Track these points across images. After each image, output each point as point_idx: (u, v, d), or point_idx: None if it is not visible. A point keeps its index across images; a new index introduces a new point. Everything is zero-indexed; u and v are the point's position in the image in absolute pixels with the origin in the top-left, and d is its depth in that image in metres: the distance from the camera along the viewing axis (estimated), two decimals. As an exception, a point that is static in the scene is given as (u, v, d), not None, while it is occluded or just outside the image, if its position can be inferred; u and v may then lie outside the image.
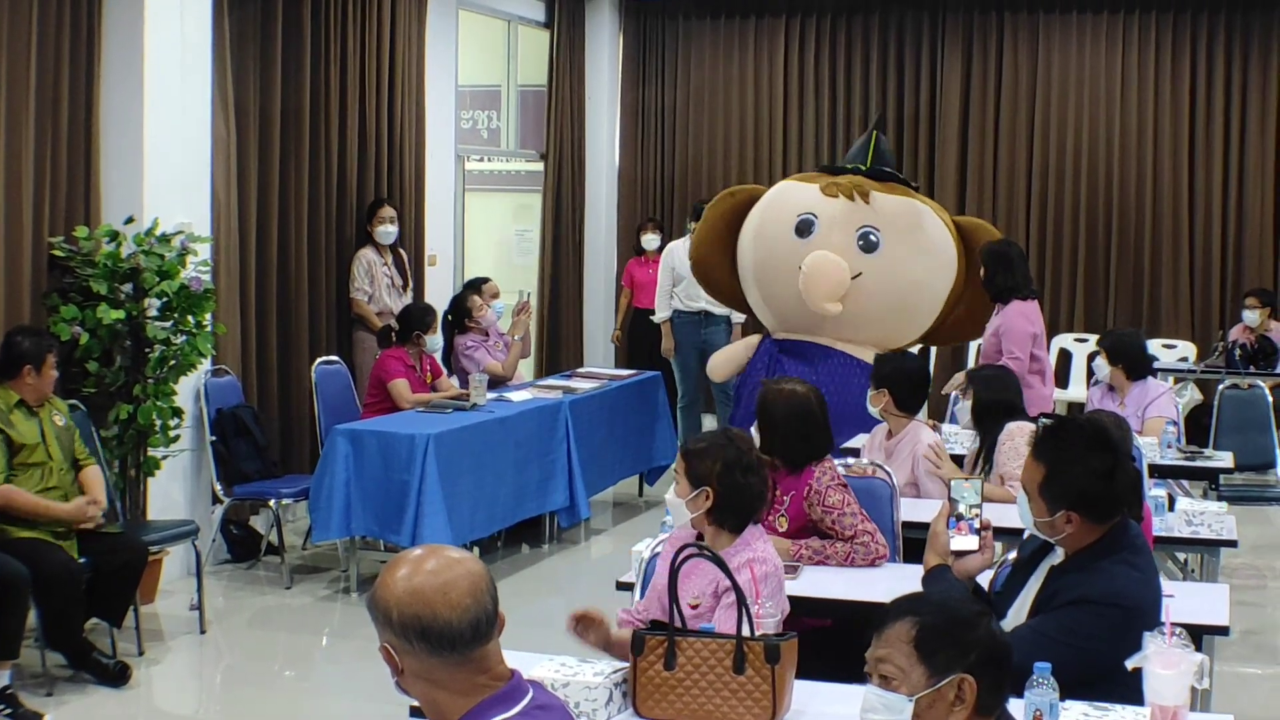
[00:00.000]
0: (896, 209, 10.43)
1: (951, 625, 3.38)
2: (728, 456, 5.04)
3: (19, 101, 8.55)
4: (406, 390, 10.33)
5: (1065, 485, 4.47)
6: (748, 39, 15.99)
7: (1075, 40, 15.05)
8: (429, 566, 3.13)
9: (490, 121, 15.60)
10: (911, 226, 10.41)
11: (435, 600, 3.09)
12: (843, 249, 10.22)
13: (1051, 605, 4.44)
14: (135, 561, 7.87)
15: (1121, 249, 14.97)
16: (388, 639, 3.13)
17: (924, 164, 15.50)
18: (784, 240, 10.47)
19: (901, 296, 10.40)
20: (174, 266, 8.84)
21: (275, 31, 10.73)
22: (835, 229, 10.30)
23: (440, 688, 3.13)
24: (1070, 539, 4.50)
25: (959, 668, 3.33)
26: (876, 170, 10.70)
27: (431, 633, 3.08)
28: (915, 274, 10.37)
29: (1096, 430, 4.61)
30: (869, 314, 10.31)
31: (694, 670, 4.26)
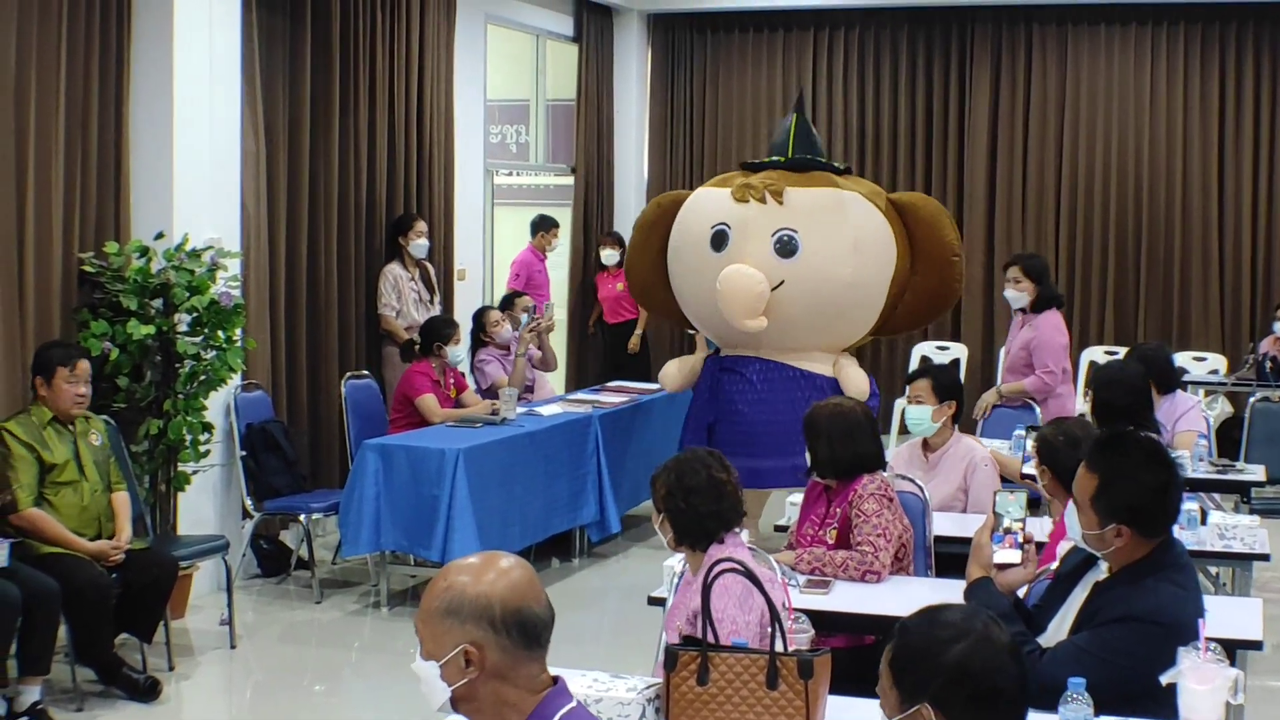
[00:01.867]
0: (814, 204, 10.02)
1: (920, 649, 3.27)
2: (669, 481, 5.12)
3: (49, 118, 8.56)
4: (435, 405, 10.32)
5: (1119, 498, 4.42)
6: (775, 52, 15.99)
7: (1104, 52, 15.02)
8: (508, 564, 3.27)
9: (519, 136, 15.63)
10: (833, 221, 9.98)
11: (529, 594, 3.22)
12: (760, 258, 9.85)
13: (1095, 622, 4.40)
14: (165, 577, 7.87)
15: (1151, 261, 14.93)
16: (476, 637, 3.17)
17: (953, 177, 15.49)
18: (701, 255, 10.16)
19: (831, 298, 9.99)
20: (204, 282, 8.85)
21: (304, 47, 10.74)
22: (749, 237, 9.94)
23: (514, 684, 3.19)
24: (1118, 554, 4.45)
25: (923, 695, 3.22)
26: (799, 160, 10.32)
27: (529, 625, 3.19)
28: (842, 273, 9.94)
29: (1153, 444, 4.56)
30: (800, 321, 9.99)
31: (727, 685, 4.24)
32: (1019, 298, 9.96)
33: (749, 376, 10.13)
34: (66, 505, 7.61)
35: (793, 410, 9.30)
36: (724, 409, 10.20)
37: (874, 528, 6.07)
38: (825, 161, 10.49)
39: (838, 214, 9.98)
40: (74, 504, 7.64)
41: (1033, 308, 9.91)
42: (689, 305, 10.49)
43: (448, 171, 12.54)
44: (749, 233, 9.94)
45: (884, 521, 6.09)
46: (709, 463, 5.15)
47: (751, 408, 10.07)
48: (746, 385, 10.11)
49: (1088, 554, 4.61)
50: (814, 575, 6.02)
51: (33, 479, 7.49)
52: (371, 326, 11.51)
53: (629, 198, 15.92)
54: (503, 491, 9.46)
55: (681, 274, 10.44)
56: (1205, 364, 13.93)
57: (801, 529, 6.35)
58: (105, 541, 7.67)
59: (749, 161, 10.83)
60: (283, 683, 8.30)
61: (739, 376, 10.17)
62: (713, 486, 5.08)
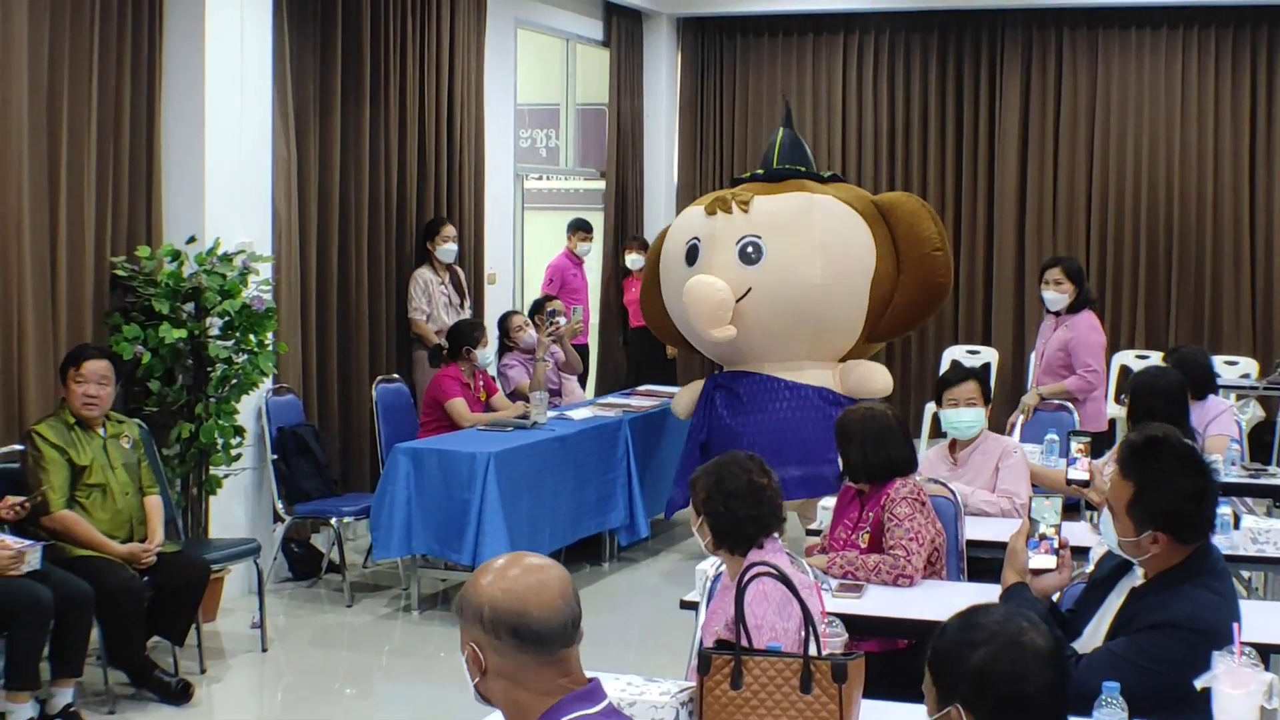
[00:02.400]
0: (778, 210, 10.04)
1: (946, 652, 3.30)
2: (709, 485, 5.08)
3: (81, 123, 8.59)
4: (465, 410, 10.32)
5: (1154, 505, 4.37)
6: (805, 57, 15.98)
7: (1134, 56, 14.99)
8: (520, 569, 3.25)
9: (549, 140, 15.64)
10: (798, 225, 9.98)
11: (529, 599, 3.19)
12: (726, 267, 9.89)
13: (1131, 628, 4.37)
14: (197, 580, 7.89)
15: (1183, 265, 14.89)
16: (475, 637, 3.21)
17: (983, 181, 15.47)
18: (678, 271, 10.21)
19: (800, 301, 9.94)
20: (235, 286, 8.87)
21: (335, 51, 10.77)
22: (716, 248, 10.01)
23: (522, 687, 3.20)
24: (1154, 560, 4.42)
25: (954, 697, 3.25)
26: (779, 171, 10.41)
27: (523, 630, 3.17)
28: (809, 275, 9.90)
29: (1188, 450, 4.52)
30: (775, 328, 9.98)
31: (760, 690, 4.23)
32: (1059, 299, 9.91)
33: (736, 391, 10.16)
34: (97, 508, 7.63)
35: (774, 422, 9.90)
36: (713, 425, 10.21)
37: (906, 532, 6.06)
38: (807, 170, 10.54)
39: (804, 218, 10.00)
40: (105, 507, 7.66)
41: (1071, 308, 9.90)
42: (680, 325, 10.49)
43: (478, 176, 12.56)
44: (716, 243, 10.01)
45: (916, 525, 6.08)
46: (749, 467, 5.14)
47: (735, 420, 10.08)
48: (733, 399, 10.15)
49: (1123, 559, 4.59)
50: (847, 579, 6.01)
51: (64, 481, 7.51)
52: (402, 330, 11.53)
53: (659, 202, 15.92)
54: (533, 495, 9.46)
55: (666, 294, 10.55)
56: (1237, 368, 13.88)
57: (834, 533, 6.34)
58: (136, 544, 7.68)
59: (739, 176, 10.99)
60: (314, 686, 8.31)
61: (728, 392, 10.22)
62: (753, 491, 5.06)
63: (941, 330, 15.38)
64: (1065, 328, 9.87)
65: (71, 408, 7.68)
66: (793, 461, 9.56)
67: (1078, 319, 9.86)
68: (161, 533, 7.90)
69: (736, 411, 10.11)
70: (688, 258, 10.12)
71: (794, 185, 10.19)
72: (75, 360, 7.71)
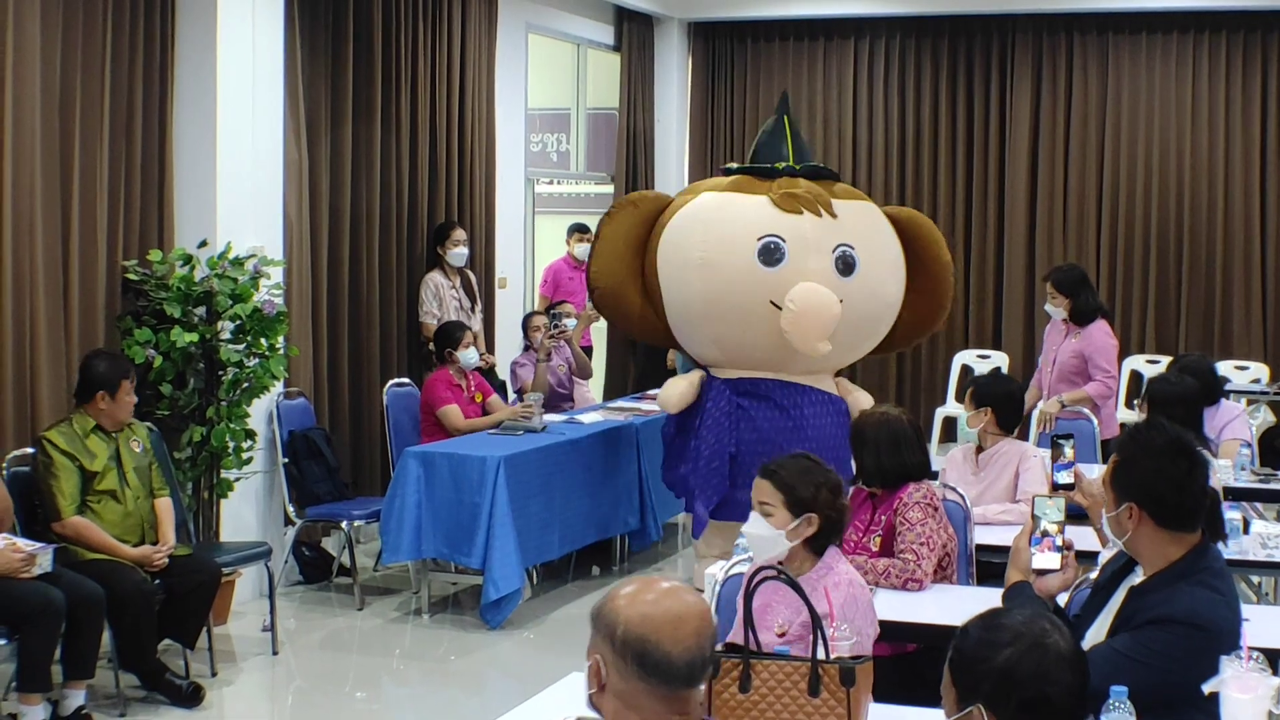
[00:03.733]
0: (861, 219, 9.47)
1: (967, 654, 3.35)
2: (830, 481, 5.09)
3: (93, 126, 8.62)
4: (458, 416, 10.31)
5: (1132, 477, 4.41)
6: (816, 62, 15.98)
7: (1145, 61, 14.98)
8: (666, 597, 3.24)
9: (560, 144, 15.65)
10: (879, 237, 9.51)
11: (664, 630, 3.18)
12: (822, 275, 9.10)
13: (1130, 625, 4.39)
14: (208, 583, 7.91)
15: (1193, 270, 14.88)
16: (603, 651, 3.22)
17: (994, 186, 15.46)
18: (747, 270, 9.15)
19: (878, 317, 9.57)
20: (247, 289, 8.89)
21: (346, 56, 10.79)
22: (810, 253, 9.15)
23: (636, 711, 3.22)
24: (1143, 545, 4.44)
25: (976, 697, 3.29)
26: (811, 169, 9.64)
27: (650, 659, 3.17)
28: (891, 291, 9.51)
29: (1179, 436, 4.56)
30: (846, 343, 9.42)
31: (769, 693, 4.24)
32: (1057, 311, 10.05)
33: (779, 402, 9.39)
34: (109, 512, 7.65)
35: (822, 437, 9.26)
36: (746, 439, 9.38)
37: (918, 536, 6.07)
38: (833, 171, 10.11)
39: (881, 229, 9.53)
40: (116, 511, 7.68)
41: (1077, 319, 9.94)
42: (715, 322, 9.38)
43: (489, 180, 12.57)
44: (808, 248, 9.16)
45: (928, 530, 6.09)
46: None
47: (780, 435, 9.27)
48: (774, 410, 9.39)
49: (1125, 561, 4.61)
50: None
51: (75, 488, 7.53)
52: (413, 334, 11.55)
53: (670, 206, 15.89)
54: (543, 499, 9.47)
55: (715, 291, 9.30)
56: (1247, 373, 13.87)
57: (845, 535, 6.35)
58: (149, 547, 7.70)
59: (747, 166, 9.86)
60: (324, 689, 8.32)
61: (764, 401, 9.41)
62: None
63: (952, 335, 15.36)
64: (1078, 336, 9.91)
65: (118, 418, 7.73)
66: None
67: (1091, 328, 9.94)
68: (173, 535, 7.92)
69: (776, 420, 9.39)
70: (766, 258, 9.10)
71: (845, 189, 9.72)
72: (120, 377, 7.74)
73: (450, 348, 10.52)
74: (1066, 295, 9.99)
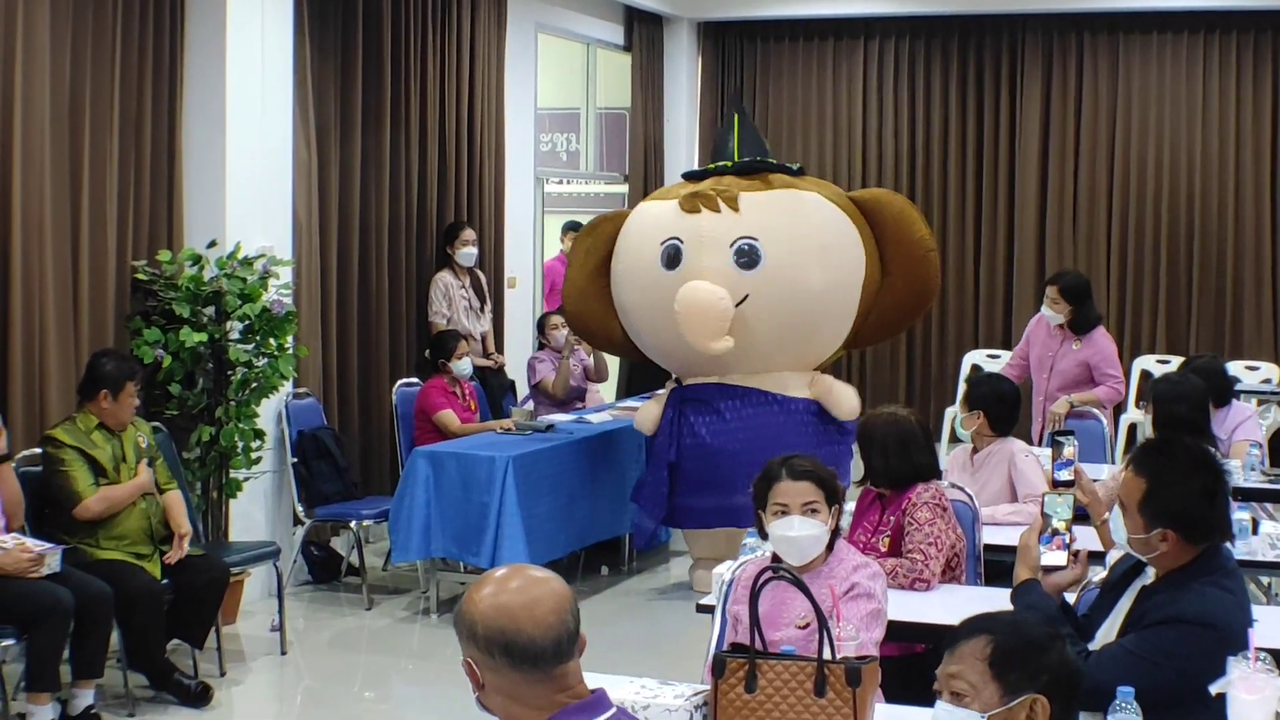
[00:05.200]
0: (772, 208, 9.21)
1: (1026, 646, 3.37)
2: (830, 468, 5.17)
3: (103, 127, 8.63)
4: (453, 420, 10.30)
5: (1166, 503, 4.40)
6: (826, 61, 15.98)
7: (1155, 60, 14.97)
8: (515, 584, 3.20)
9: (569, 144, 15.66)
10: (796, 224, 9.19)
11: (521, 616, 3.14)
12: (720, 272, 9.00)
13: (1141, 625, 4.39)
14: (217, 582, 7.90)
15: (1204, 270, 14.86)
16: (471, 654, 3.18)
17: (1004, 186, 15.45)
18: (653, 275, 9.26)
19: (802, 310, 9.20)
20: (256, 289, 8.90)
21: (355, 56, 10.79)
22: (705, 250, 9.08)
23: (519, 703, 3.18)
24: (1163, 558, 4.44)
25: (1031, 689, 3.32)
26: (747, 163, 9.50)
27: (515, 648, 3.13)
28: (811, 280, 9.14)
29: (1202, 450, 4.56)
30: (770, 338, 9.19)
31: (775, 693, 4.23)
32: (1056, 316, 9.98)
33: (716, 406, 9.33)
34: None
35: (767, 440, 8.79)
36: (688, 446, 9.41)
37: (926, 536, 6.06)
38: (777, 163, 9.74)
39: (799, 216, 9.24)
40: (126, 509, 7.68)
41: (1075, 328, 9.91)
42: (643, 336, 9.65)
43: (498, 180, 12.58)
44: (704, 245, 9.11)
45: (936, 531, 6.08)
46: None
47: (720, 440, 9.29)
48: (714, 417, 9.33)
49: (1135, 562, 4.60)
50: None
51: (88, 474, 7.53)
52: (422, 334, 11.54)
53: (679, 206, 15.89)
54: (552, 499, 9.46)
55: (631, 301, 9.54)
56: (1258, 373, 13.85)
57: (853, 536, 6.33)
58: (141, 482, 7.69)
59: (691, 171, 10.15)
60: (333, 689, 8.33)
61: (704, 407, 9.36)
62: None
63: (962, 334, 15.37)
64: (1079, 345, 9.89)
65: (120, 419, 7.72)
66: None
67: (1095, 336, 9.93)
68: (187, 523, 7.94)
69: (717, 429, 9.32)
70: (667, 261, 9.17)
71: (773, 179, 9.43)
72: (134, 374, 7.76)
73: (444, 358, 10.52)
74: (1070, 303, 9.94)
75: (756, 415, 9.27)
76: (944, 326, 15.53)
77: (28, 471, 7.53)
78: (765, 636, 4.54)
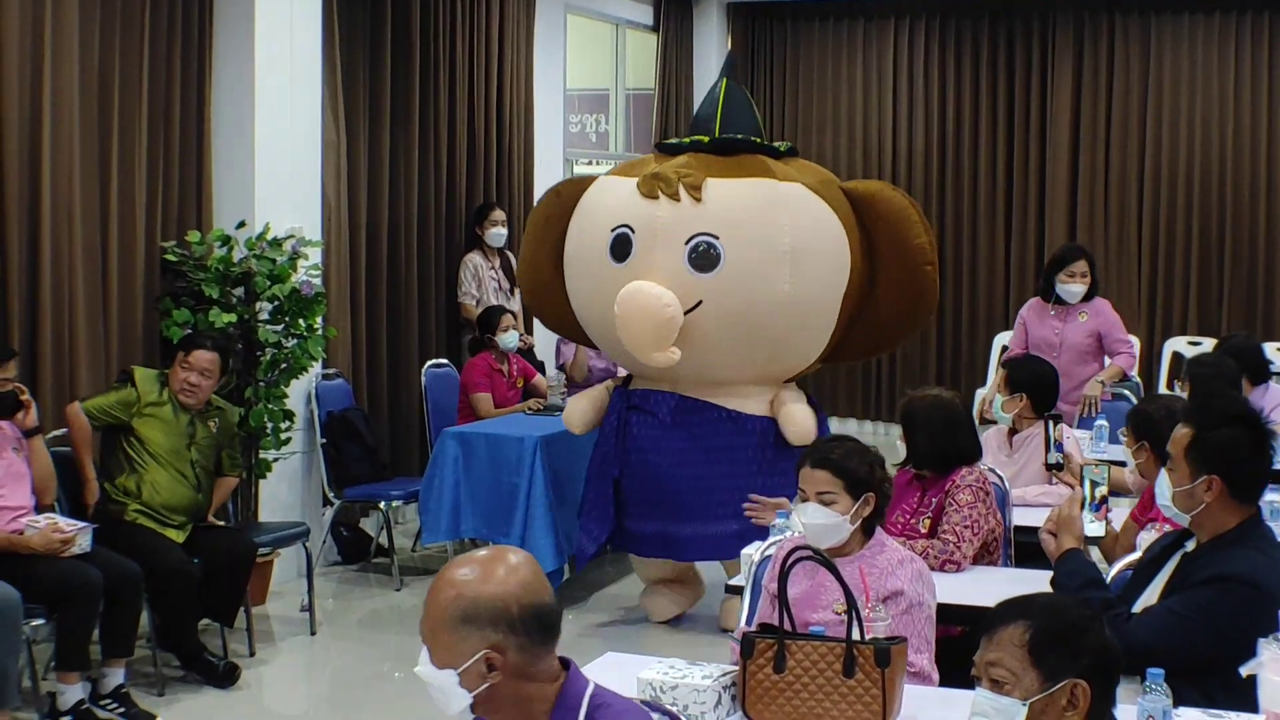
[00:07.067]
0: (741, 200, 7.99)
1: (1065, 629, 3.37)
2: (878, 456, 5.10)
3: (132, 108, 8.64)
4: (488, 405, 10.30)
5: (1212, 447, 4.46)
6: (856, 42, 15.93)
7: (1187, 41, 14.88)
8: (514, 559, 3.20)
9: (598, 125, 15.63)
10: (765, 222, 7.95)
11: (540, 588, 3.17)
12: (671, 272, 7.87)
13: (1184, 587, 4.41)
14: (242, 557, 7.92)
15: (1235, 251, 14.78)
16: (494, 640, 3.12)
17: (1035, 168, 15.38)
18: (599, 266, 8.17)
19: (763, 321, 8.00)
20: (285, 270, 8.90)
21: (384, 36, 10.79)
22: (657, 245, 7.93)
23: (535, 679, 3.17)
24: (1207, 514, 4.46)
25: (1072, 672, 3.32)
26: (726, 141, 8.28)
27: (545, 619, 3.15)
28: (778, 288, 7.92)
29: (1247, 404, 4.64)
30: (724, 351, 8.07)
31: (803, 674, 4.23)
32: (1076, 292, 9.86)
33: (663, 419, 8.27)
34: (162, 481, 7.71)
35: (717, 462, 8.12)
36: (632, 460, 8.37)
37: (964, 519, 6.05)
38: (761, 142, 8.45)
39: (770, 212, 7.99)
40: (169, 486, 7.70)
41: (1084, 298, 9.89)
42: (591, 328, 8.62)
43: (527, 161, 12.57)
44: (657, 239, 7.95)
45: (976, 514, 6.07)
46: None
47: (665, 458, 8.25)
48: (659, 429, 8.27)
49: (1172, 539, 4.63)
50: None
51: (108, 404, 7.68)
52: (452, 315, 11.55)
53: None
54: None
55: (578, 289, 8.48)
56: (1290, 355, 13.79)
57: (891, 518, 6.30)
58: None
59: (666, 141, 8.87)
60: (362, 669, 8.34)
61: (650, 418, 8.30)
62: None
63: (992, 316, 15.32)
64: (1085, 317, 9.83)
65: (171, 388, 7.80)
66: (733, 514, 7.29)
67: (1098, 305, 9.87)
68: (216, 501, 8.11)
69: (666, 447, 8.25)
70: (615, 251, 8.08)
71: (754, 165, 8.17)
72: (187, 346, 7.81)
73: (489, 333, 10.52)
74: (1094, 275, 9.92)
75: (707, 434, 8.22)
76: (975, 309, 15.48)
77: (57, 451, 7.55)
78: (801, 618, 4.54)
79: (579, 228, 8.40)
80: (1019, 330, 10.25)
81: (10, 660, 6.52)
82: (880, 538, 5.02)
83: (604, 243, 8.11)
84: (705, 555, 8.43)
